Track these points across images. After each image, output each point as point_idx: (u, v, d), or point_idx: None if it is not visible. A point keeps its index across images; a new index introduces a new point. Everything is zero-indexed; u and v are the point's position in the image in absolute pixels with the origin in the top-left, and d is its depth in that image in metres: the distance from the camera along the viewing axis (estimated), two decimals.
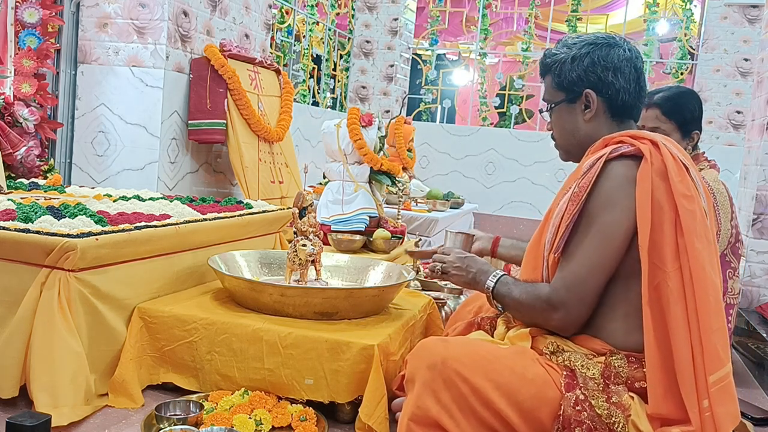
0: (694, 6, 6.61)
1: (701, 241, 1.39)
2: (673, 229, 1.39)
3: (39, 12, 3.17)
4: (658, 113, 2.35)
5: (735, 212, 2.39)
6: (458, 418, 1.41)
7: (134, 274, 2.01)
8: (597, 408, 1.39)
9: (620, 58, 1.58)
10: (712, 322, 1.36)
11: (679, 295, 1.37)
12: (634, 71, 1.59)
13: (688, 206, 1.40)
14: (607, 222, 1.44)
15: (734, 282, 2.39)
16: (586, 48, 1.60)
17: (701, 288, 1.37)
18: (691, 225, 1.39)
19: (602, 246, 1.45)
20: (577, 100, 1.62)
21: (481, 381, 1.41)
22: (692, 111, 2.36)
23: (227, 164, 3.74)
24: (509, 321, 1.68)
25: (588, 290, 1.46)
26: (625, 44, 1.61)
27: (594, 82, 1.59)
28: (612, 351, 1.46)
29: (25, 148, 3.02)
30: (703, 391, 1.34)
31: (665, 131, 2.35)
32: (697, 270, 1.37)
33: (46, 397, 1.71)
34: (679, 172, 1.43)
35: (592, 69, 1.58)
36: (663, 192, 1.41)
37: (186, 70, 3.51)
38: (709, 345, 1.35)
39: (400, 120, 5.59)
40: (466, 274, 1.71)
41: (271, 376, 1.86)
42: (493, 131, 6.63)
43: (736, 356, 2.84)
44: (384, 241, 3.24)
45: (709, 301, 1.37)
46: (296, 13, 5.60)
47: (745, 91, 5.86)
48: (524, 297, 1.55)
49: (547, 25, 7.35)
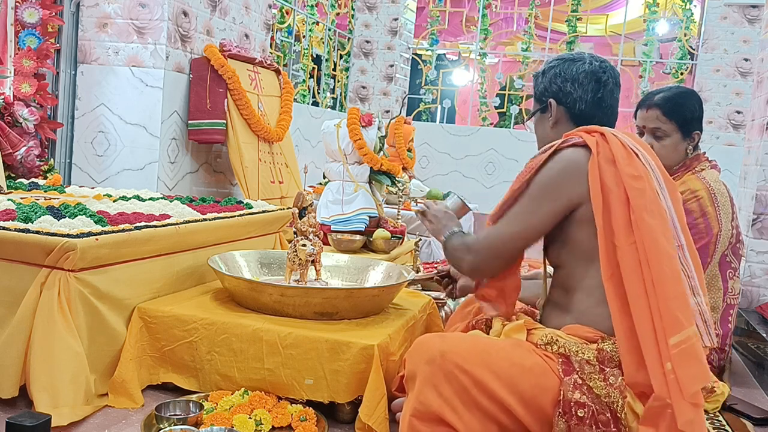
0: (694, 6, 6.61)
1: (653, 216, 1.48)
2: (624, 208, 1.49)
3: (39, 12, 3.16)
4: (659, 114, 2.36)
5: (736, 212, 2.39)
6: (461, 411, 1.43)
7: (134, 274, 2.01)
8: (595, 389, 1.44)
9: (579, 70, 1.73)
10: (668, 290, 1.42)
11: (635, 267, 1.45)
12: (594, 83, 1.72)
13: (636, 185, 1.50)
14: (539, 197, 1.59)
15: (734, 282, 2.40)
16: (554, 62, 1.78)
17: (655, 259, 1.44)
18: (640, 202, 1.48)
19: (527, 216, 1.60)
20: (547, 110, 1.78)
21: (481, 372, 1.43)
22: (692, 111, 2.36)
23: (227, 164, 3.74)
24: (504, 320, 1.71)
25: (503, 247, 1.63)
26: (590, 59, 1.75)
27: (555, 92, 1.75)
28: (603, 337, 1.51)
29: (25, 148, 3.02)
30: (666, 355, 1.39)
31: (666, 131, 2.36)
32: (649, 242, 1.45)
33: (46, 397, 1.71)
34: (627, 156, 1.54)
35: (554, 80, 1.75)
36: (611, 175, 1.52)
37: (186, 70, 3.51)
38: (667, 311, 1.41)
39: (400, 120, 5.59)
40: (436, 224, 1.86)
41: (271, 376, 1.86)
42: (493, 131, 6.63)
43: (736, 356, 2.84)
44: (384, 241, 3.24)
45: (664, 270, 1.44)
46: (296, 13, 5.61)
47: (745, 91, 5.86)
48: (457, 243, 1.74)
49: (547, 25, 7.35)
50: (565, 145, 1.60)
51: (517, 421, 1.45)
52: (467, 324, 1.84)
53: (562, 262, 1.64)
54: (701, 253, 2.30)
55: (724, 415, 2.09)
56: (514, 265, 1.69)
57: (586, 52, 1.79)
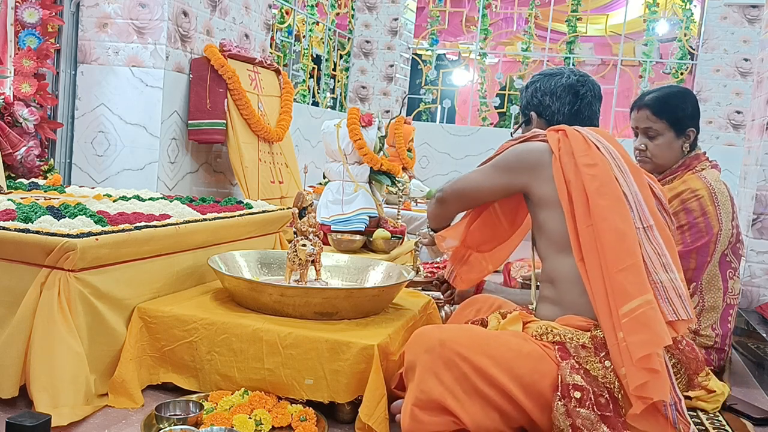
0: (693, 6, 6.61)
1: (604, 197, 1.58)
2: (582, 194, 1.60)
3: (39, 12, 3.17)
4: (649, 113, 2.38)
5: (736, 212, 2.39)
6: (462, 398, 1.45)
7: (134, 274, 2.01)
8: (592, 371, 1.48)
9: (557, 84, 1.86)
10: (618, 263, 1.51)
11: (592, 246, 1.56)
12: (571, 96, 1.85)
13: (590, 172, 1.61)
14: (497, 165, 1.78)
15: (734, 282, 2.40)
16: (536, 77, 1.91)
17: (604, 235, 1.54)
18: (592, 185, 1.59)
19: (485, 175, 1.80)
20: (530, 122, 1.92)
21: (480, 358, 1.46)
22: (683, 109, 2.38)
23: (227, 164, 3.74)
24: (501, 318, 1.73)
25: (460, 193, 1.87)
26: (569, 73, 1.87)
27: (536, 105, 1.91)
28: (595, 324, 1.56)
29: (25, 148, 3.02)
30: (618, 323, 1.48)
31: (657, 130, 2.38)
32: (600, 221, 1.56)
33: (46, 397, 1.70)
34: (585, 148, 1.65)
35: (534, 94, 1.90)
36: (570, 167, 1.64)
37: (186, 70, 3.51)
38: (615, 283, 1.50)
39: (400, 120, 5.59)
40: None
41: (271, 376, 1.86)
42: (493, 131, 6.63)
43: (736, 356, 2.83)
44: (384, 241, 3.24)
45: (614, 246, 1.53)
46: (296, 13, 5.61)
47: (744, 91, 5.86)
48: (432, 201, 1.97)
49: (547, 25, 7.35)
50: (534, 139, 1.75)
51: (517, 406, 1.48)
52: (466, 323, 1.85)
53: (544, 254, 1.72)
54: (701, 253, 2.30)
55: (724, 415, 2.09)
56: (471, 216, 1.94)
57: (567, 67, 1.93)
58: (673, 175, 2.40)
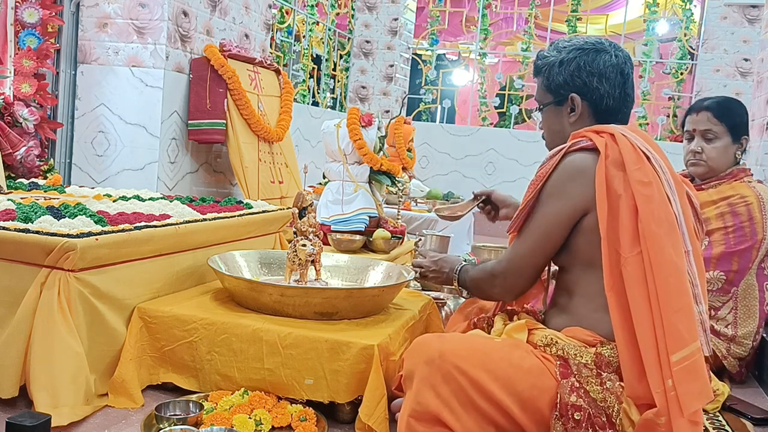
0: (693, 6, 6.61)
1: (660, 225, 1.43)
2: (631, 216, 1.43)
3: (39, 12, 3.17)
4: (710, 115, 2.42)
5: None
6: (458, 412, 1.42)
7: (134, 274, 2.01)
8: (592, 393, 1.43)
9: (606, 63, 1.62)
10: (672, 303, 1.38)
11: (639, 278, 1.40)
12: (620, 77, 1.63)
13: (644, 191, 1.44)
14: (550, 210, 1.55)
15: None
16: (573, 53, 1.64)
17: (660, 270, 1.39)
18: (647, 209, 1.43)
19: (543, 231, 1.57)
20: (564, 102, 1.67)
21: (479, 373, 1.43)
22: (741, 116, 2.45)
23: (227, 164, 3.74)
24: (506, 318, 1.72)
25: (525, 266, 1.62)
26: (613, 50, 1.64)
27: (579, 86, 1.64)
28: (602, 341, 1.50)
29: (24, 148, 3.02)
30: (667, 371, 1.36)
31: (717, 133, 2.42)
32: (655, 252, 1.40)
33: (46, 397, 1.70)
34: (637, 160, 1.48)
35: (577, 74, 1.63)
36: (620, 181, 1.46)
37: (186, 70, 3.51)
38: (670, 325, 1.37)
39: (400, 120, 5.59)
40: (440, 275, 1.90)
41: (271, 376, 1.86)
42: (493, 131, 6.63)
43: None
44: (384, 241, 3.24)
45: (670, 282, 1.39)
46: (296, 13, 5.61)
47: (745, 91, 5.86)
48: (477, 274, 1.75)
49: (546, 25, 7.35)
50: (574, 149, 1.55)
51: (514, 422, 1.44)
52: (468, 323, 1.84)
53: (565, 265, 1.63)
54: (743, 257, 2.32)
55: (724, 415, 2.09)
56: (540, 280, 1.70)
57: (606, 40, 1.68)
58: (719, 181, 2.43)
